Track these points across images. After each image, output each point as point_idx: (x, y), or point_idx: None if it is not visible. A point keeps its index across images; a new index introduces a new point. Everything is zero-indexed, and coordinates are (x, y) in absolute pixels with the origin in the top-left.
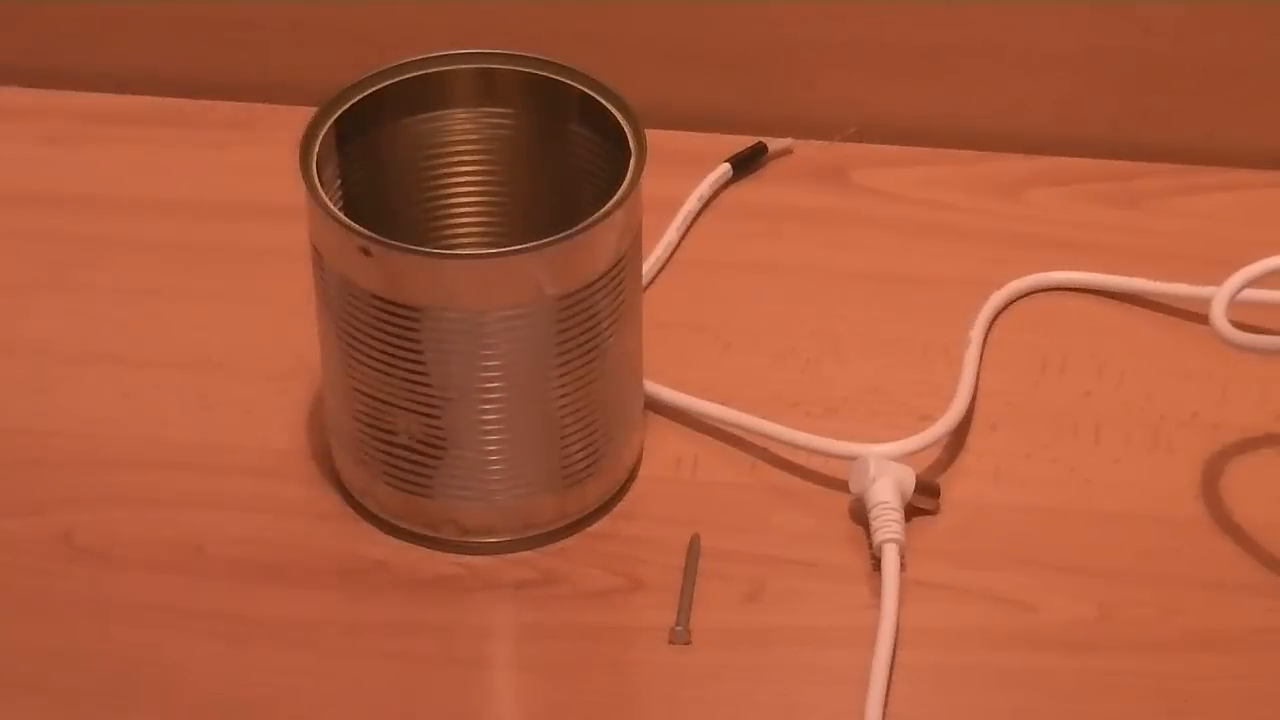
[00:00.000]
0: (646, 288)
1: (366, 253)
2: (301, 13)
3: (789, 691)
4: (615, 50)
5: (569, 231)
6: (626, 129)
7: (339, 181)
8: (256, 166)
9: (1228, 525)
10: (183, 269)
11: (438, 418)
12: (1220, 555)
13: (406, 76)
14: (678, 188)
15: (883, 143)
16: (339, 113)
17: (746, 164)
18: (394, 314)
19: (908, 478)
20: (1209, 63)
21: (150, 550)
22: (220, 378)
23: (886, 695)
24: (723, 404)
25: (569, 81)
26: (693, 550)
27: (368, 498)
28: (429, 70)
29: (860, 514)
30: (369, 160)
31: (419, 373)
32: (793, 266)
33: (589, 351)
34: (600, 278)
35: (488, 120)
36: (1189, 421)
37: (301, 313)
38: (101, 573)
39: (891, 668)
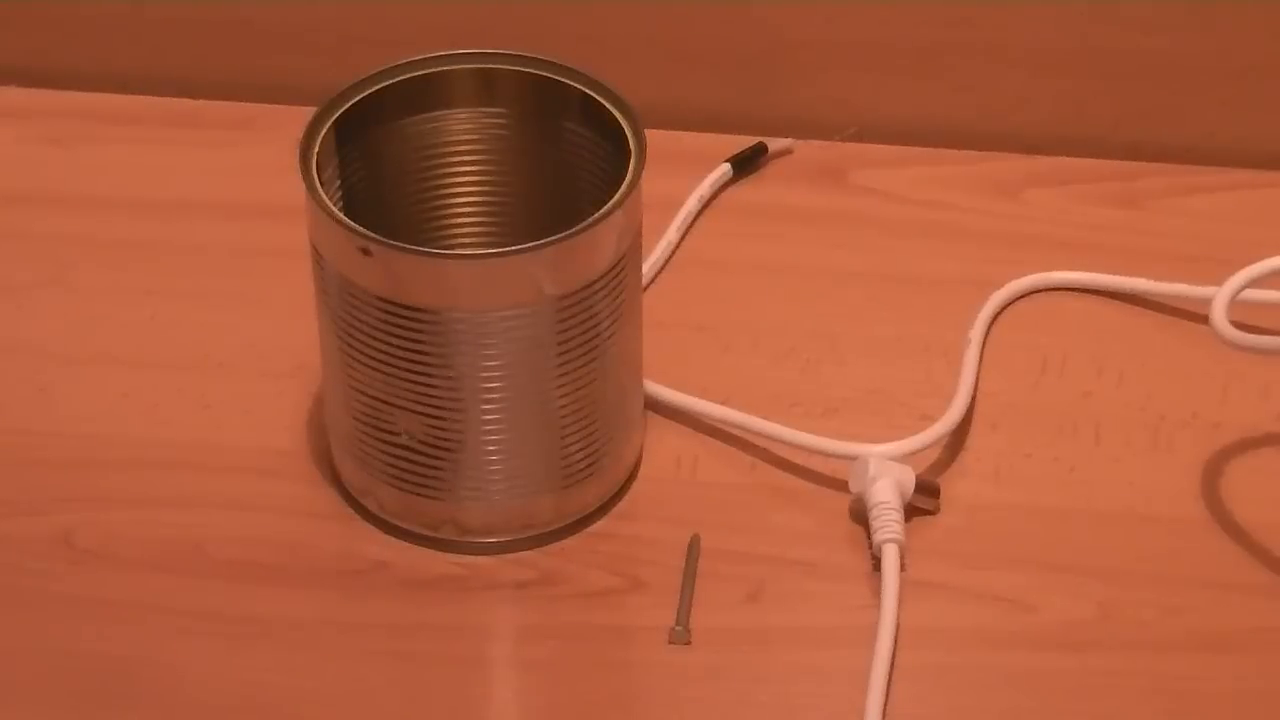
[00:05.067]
0: (646, 288)
1: (366, 253)
2: (301, 13)
3: (789, 691)
4: (615, 50)
5: (569, 231)
6: (626, 129)
7: (339, 181)
8: (256, 166)
9: (1228, 525)
10: (183, 269)
11: (438, 417)
12: (1220, 555)
13: (406, 76)
14: (678, 188)
15: (883, 143)
16: (339, 113)
17: (746, 164)
18: (394, 314)
19: (908, 478)
20: (1209, 63)
21: (150, 550)
22: (220, 378)
23: (886, 695)
24: (723, 404)
25: (569, 81)
26: (693, 550)
27: (368, 498)
28: (429, 70)
29: (860, 514)
30: (369, 160)
31: (419, 372)
32: (793, 266)
33: (589, 351)
34: (600, 278)
35: (488, 120)
36: (1189, 421)
37: (301, 313)
38: (101, 573)
39: (891, 668)
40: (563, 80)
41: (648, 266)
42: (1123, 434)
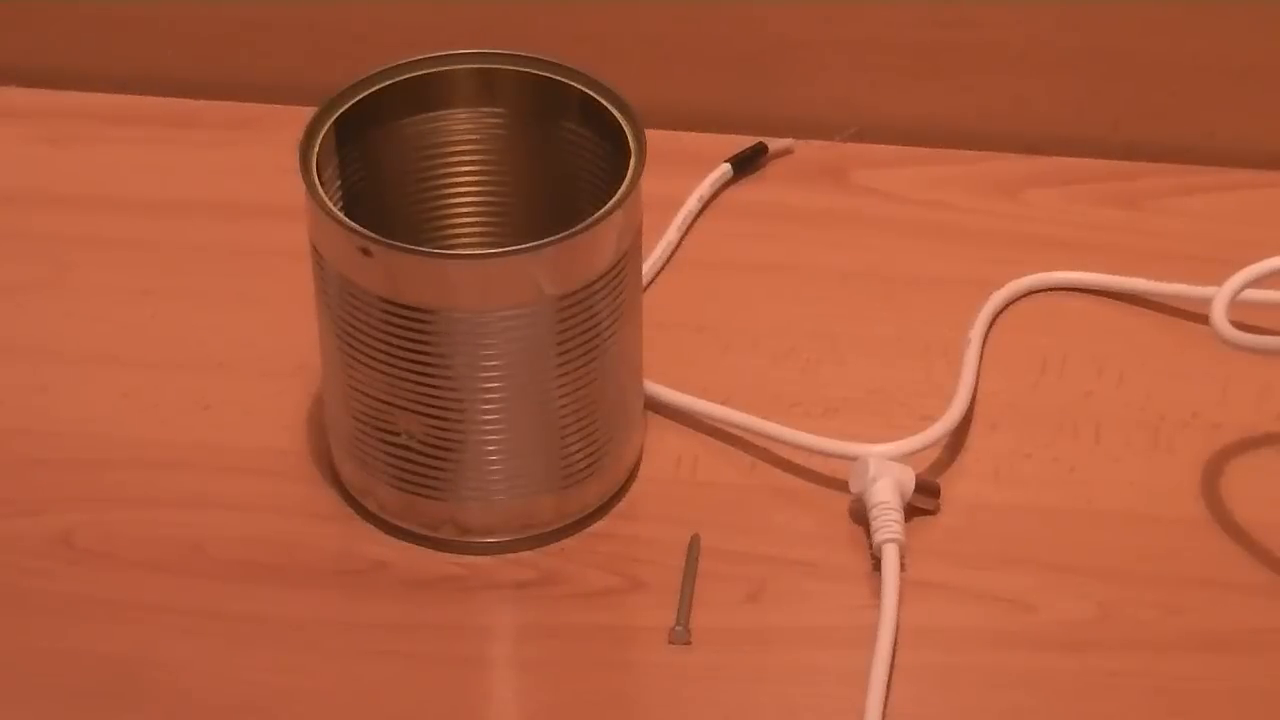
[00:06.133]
0: (646, 288)
1: (366, 253)
2: (302, 13)
3: (789, 691)
4: (615, 50)
5: (569, 231)
6: (626, 129)
7: (339, 181)
8: (256, 166)
9: (1228, 525)
10: (183, 269)
11: (438, 417)
12: (1220, 555)
13: (406, 76)
14: (678, 188)
15: (883, 143)
16: (339, 113)
17: (746, 164)
18: (394, 314)
19: (908, 478)
20: (1209, 63)
21: (150, 550)
22: (220, 378)
23: (886, 695)
24: (723, 404)
25: (569, 81)
26: (693, 550)
27: (368, 498)
28: (428, 70)
29: (860, 514)
30: (369, 160)
31: (419, 372)
32: (793, 266)
33: (589, 351)
34: (600, 278)
35: (487, 120)
36: (1189, 421)
37: (301, 313)
38: (101, 573)
39: (891, 668)
40: (562, 80)
41: (648, 266)
42: (1123, 434)
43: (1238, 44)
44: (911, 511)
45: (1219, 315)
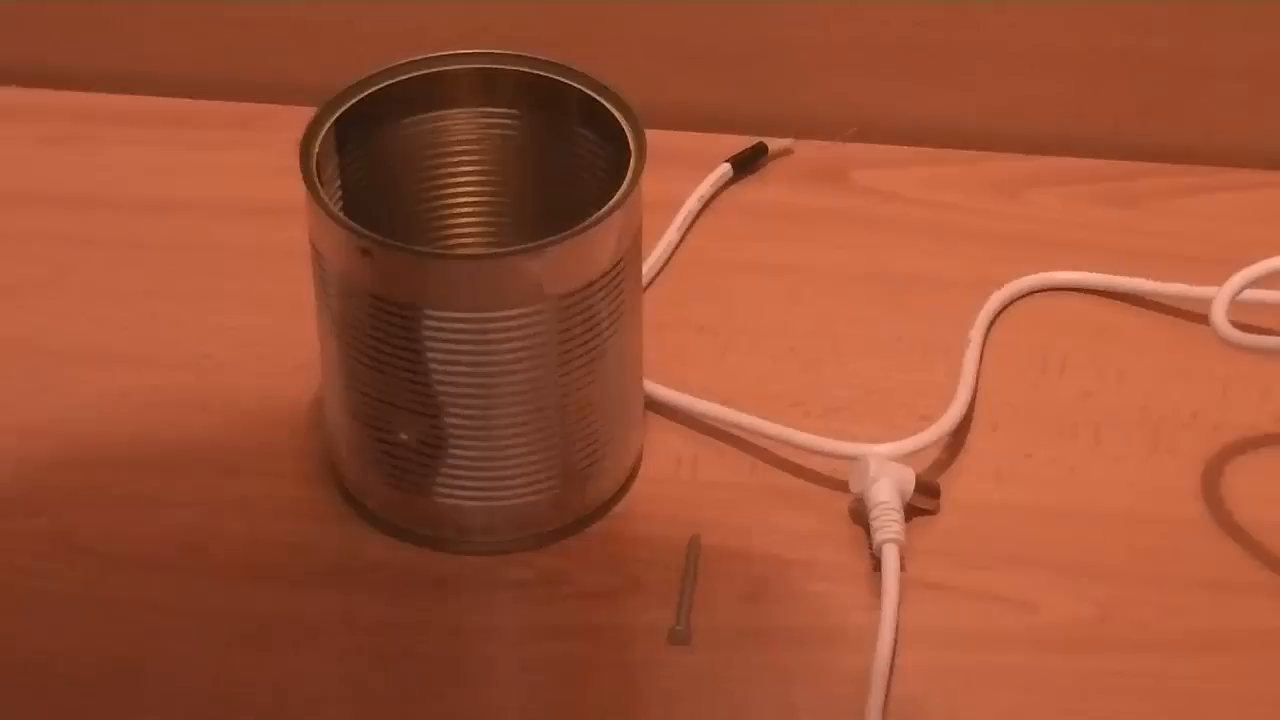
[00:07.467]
0: (646, 288)
1: (366, 253)
2: (301, 13)
3: (789, 691)
4: (615, 50)
5: (569, 231)
6: (626, 129)
7: (339, 181)
8: (256, 166)
9: (1228, 525)
10: (183, 269)
11: (438, 418)
12: (1220, 555)
13: (406, 76)
14: (678, 188)
15: (883, 143)
16: (339, 113)
17: (746, 164)
18: (394, 314)
19: (908, 478)
20: (1209, 63)
21: (150, 550)
22: (220, 378)
23: (886, 695)
24: (723, 404)
25: (569, 82)
26: (693, 550)
27: (368, 498)
28: (429, 70)
29: (860, 514)
30: (369, 160)
31: (419, 373)
32: (793, 266)
33: (589, 351)
34: (600, 278)
35: (488, 120)
36: (1189, 421)
37: (301, 313)
38: (101, 573)
39: (891, 668)
40: (563, 80)
41: (648, 266)
42: (1123, 434)
43: (1238, 44)
44: (911, 511)
45: (1219, 315)
